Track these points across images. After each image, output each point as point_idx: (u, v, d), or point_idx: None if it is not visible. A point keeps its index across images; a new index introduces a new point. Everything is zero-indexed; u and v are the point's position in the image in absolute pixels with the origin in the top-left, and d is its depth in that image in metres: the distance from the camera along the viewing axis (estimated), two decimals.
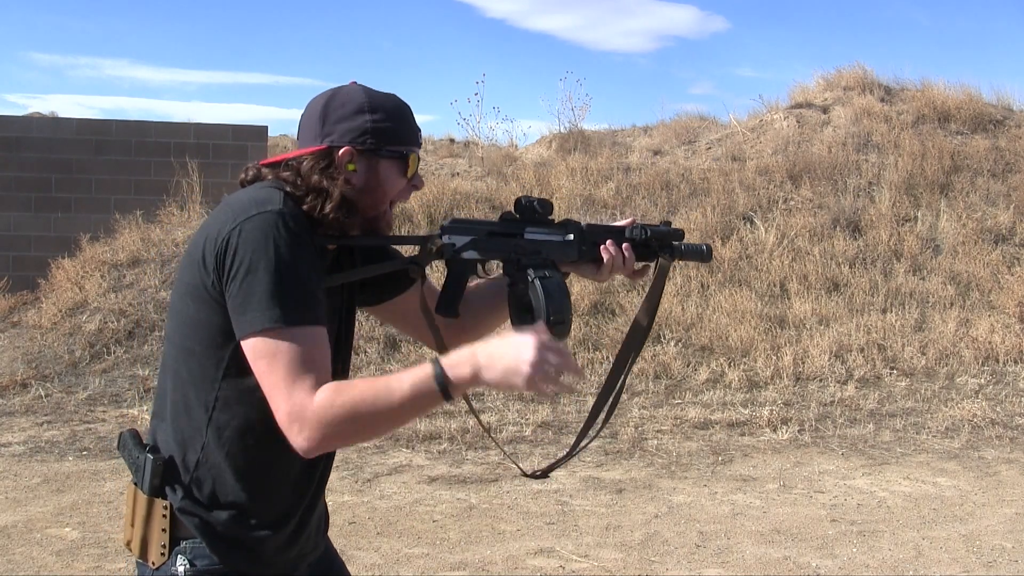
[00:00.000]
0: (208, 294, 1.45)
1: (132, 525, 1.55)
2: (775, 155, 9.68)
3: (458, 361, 1.38)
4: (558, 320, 1.60)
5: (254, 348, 1.40)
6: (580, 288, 7.59)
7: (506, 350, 1.37)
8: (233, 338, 1.44)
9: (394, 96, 1.60)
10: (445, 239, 1.64)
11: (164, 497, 1.51)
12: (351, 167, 1.53)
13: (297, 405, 1.37)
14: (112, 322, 7.21)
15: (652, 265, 1.86)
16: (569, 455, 1.84)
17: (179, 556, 1.50)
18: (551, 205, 1.75)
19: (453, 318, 1.70)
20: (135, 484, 1.54)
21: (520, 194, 8.93)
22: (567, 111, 16.45)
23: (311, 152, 1.54)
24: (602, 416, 1.81)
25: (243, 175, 1.62)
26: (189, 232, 8.15)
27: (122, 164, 8.84)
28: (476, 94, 14.41)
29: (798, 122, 10.40)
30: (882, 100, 10.60)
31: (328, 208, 1.51)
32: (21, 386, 6.62)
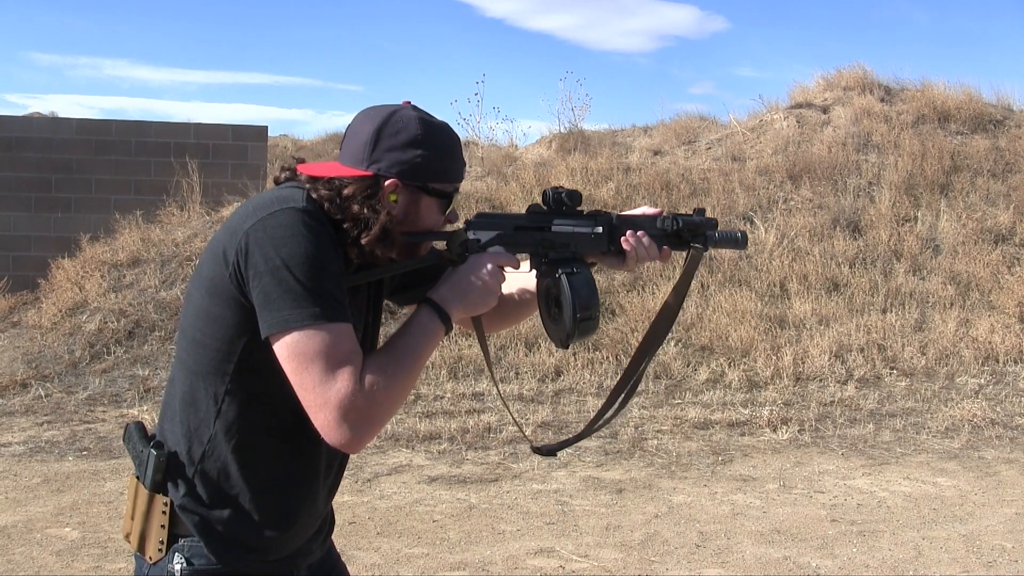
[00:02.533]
0: (226, 289, 1.43)
1: (132, 518, 1.55)
2: (775, 155, 9.68)
3: (445, 297, 1.52)
4: (584, 317, 1.60)
5: (286, 346, 1.38)
6: None
7: (455, 273, 1.55)
8: (246, 334, 1.43)
9: (447, 129, 1.56)
10: (471, 234, 1.61)
11: (165, 493, 1.50)
12: (393, 198, 1.51)
13: (344, 398, 1.37)
14: (112, 322, 7.21)
15: (684, 253, 1.80)
16: (581, 435, 1.82)
17: (176, 554, 1.50)
18: (580, 196, 1.70)
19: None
20: (137, 478, 1.54)
21: (519, 194, 8.94)
22: (567, 111, 16.46)
23: (356, 176, 1.50)
24: (620, 400, 1.80)
25: (278, 174, 1.60)
26: (189, 232, 8.15)
27: (122, 164, 8.84)
28: (476, 94, 14.44)
29: (798, 122, 10.40)
30: (882, 100, 10.60)
31: (365, 239, 1.48)
32: (21, 386, 6.62)
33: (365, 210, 1.48)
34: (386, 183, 1.50)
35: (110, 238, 8.26)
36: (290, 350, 1.38)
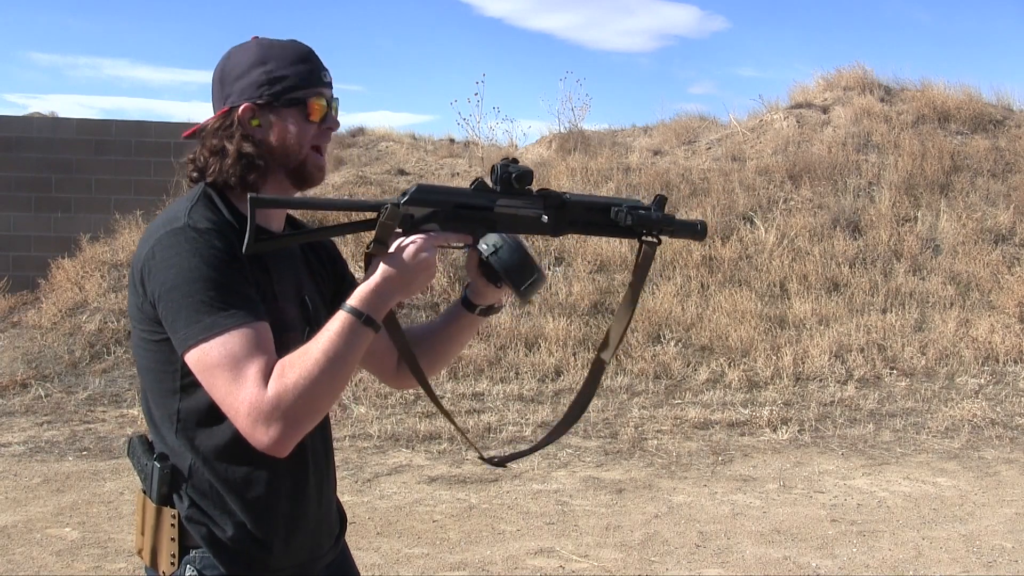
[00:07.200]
0: (149, 313, 1.45)
1: (142, 533, 1.53)
2: (775, 155, 9.68)
3: (365, 292, 1.43)
4: (527, 285, 1.56)
5: (193, 364, 1.39)
6: (580, 288, 7.59)
7: (397, 257, 1.45)
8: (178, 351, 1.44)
9: (293, 42, 1.55)
10: (405, 209, 1.49)
11: (172, 506, 1.49)
12: (255, 123, 1.51)
13: (251, 403, 1.34)
14: (112, 322, 7.21)
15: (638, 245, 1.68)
16: (538, 446, 1.76)
17: (188, 566, 1.49)
18: (530, 176, 1.59)
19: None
20: (144, 492, 1.53)
21: None
22: (567, 111, 16.43)
23: (215, 117, 1.52)
24: (580, 407, 1.76)
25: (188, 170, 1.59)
26: None
27: (122, 164, 8.84)
28: (476, 94, 14.28)
29: (798, 122, 10.40)
30: (882, 100, 10.60)
31: (227, 166, 1.49)
32: (21, 386, 6.62)
33: (222, 142, 1.50)
34: (240, 111, 1.50)
35: (110, 238, 8.26)
36: (196, 366, 1.38)
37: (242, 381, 1.35)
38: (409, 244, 1.46)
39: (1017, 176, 9.38)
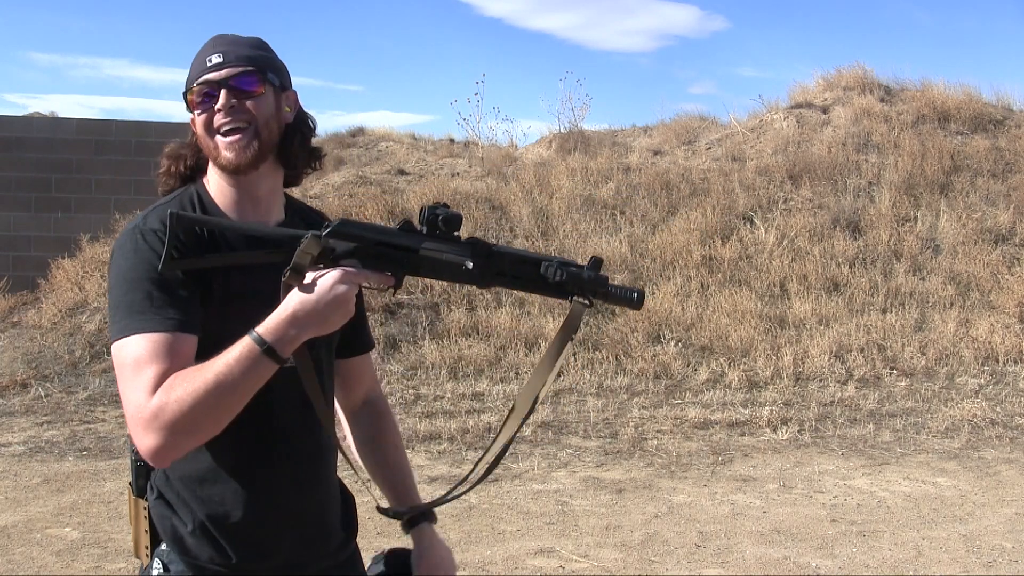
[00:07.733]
0: None
1: (131, 524, 1.58)
2: (775, 155, 9.68)
3: (274, 323, 1.36)
4: None
5: (113, 359, 1.42)
6: None
7: (313, 289, 1.38)
8: None
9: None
10: (326, 241, 1.45)
11: (145, 498, 1.53)
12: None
13: (135, 408, 1.35)
14: None
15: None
16: (444, 498, 1.71)
17: (156, 559, 1.51)
18: (458, 221, 1.52)
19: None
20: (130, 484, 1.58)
21: (519, 194, 8.93)
22: (567, 111, 16.48)
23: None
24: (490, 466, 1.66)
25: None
26: None
27: (122, 164, 8.84)
28: (476, 94, 14.30)
29: (798, 122, 10.40)
30: (882, 100, 10.60)
31: (181, 148, 1.60)
32: (21, 386, 6.62)
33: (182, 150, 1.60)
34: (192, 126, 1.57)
35: (110, 238, 8.26)
36: (114, 362, 1.42)
37: (136, 385, 1.36)
38: (325, 276, 1.40)
39: (1017, 176, 9.38)
